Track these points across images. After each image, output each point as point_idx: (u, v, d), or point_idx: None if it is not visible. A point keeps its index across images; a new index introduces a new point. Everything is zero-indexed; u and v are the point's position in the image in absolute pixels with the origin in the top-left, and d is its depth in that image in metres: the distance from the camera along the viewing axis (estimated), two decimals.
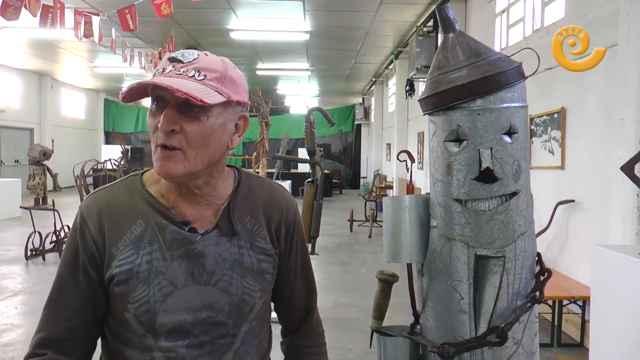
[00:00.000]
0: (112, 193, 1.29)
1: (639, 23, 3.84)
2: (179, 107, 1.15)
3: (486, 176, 1.16)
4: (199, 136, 1.16)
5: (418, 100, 1.23)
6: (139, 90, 1.17)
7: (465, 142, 1.16)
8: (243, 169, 1.41)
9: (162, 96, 1.15)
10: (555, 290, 4.92)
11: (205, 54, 1.21)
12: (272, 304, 1.44)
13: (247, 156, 22.23)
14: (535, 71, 1.30)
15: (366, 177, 23.68)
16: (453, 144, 1.17)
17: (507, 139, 1.17)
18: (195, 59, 1.18)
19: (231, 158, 22.39)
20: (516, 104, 1.19)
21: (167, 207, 1.25)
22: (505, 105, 1.16)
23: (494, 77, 1.15)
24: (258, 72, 16.59)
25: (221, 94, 1.17)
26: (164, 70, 1.17)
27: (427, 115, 1.23)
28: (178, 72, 1.15)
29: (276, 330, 1.48)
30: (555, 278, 5.32)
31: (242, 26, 11.28)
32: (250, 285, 1.27)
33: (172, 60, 1.18)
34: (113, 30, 8.39)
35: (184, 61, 1.17)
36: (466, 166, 1.16)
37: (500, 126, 1.16)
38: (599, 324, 3.26)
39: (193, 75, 1.15)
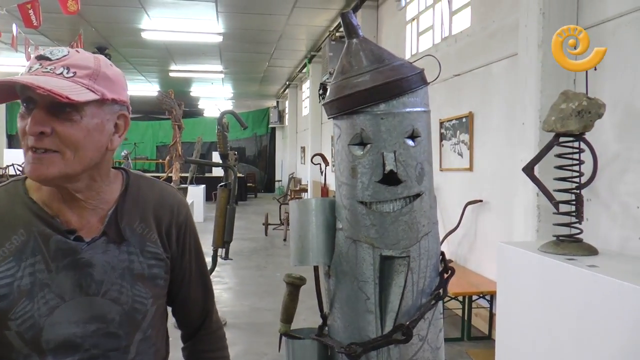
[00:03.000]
0: None
1: (535, 35, 4.07)
2: (49, 108, 1.08)
3: (390, 179, 1.18)
4: (73, 137, 1.09)
5: (322, 105, 1.25)
6: (5, 91, 1.09)
7: (369, 145, 1.18)
8: (132, 170, 1.35)
9: (31, 97, 1.08)
10: (465, 286, 5.12)
11: (77, 51, 1.15)
12: (170, 309, 1.41)
13: (160, 160, 21.69)
14: (437, 77, 1.34)
15: (281, 181, 23.69)
16: (357, 148, 1.19)
17: (410, 142, 1.20)
18: (64, 55, 1.12)
19: (144, 162, 21.80)
20: (419, 109, 1.22)
21: (51, 215, 1.18)
22: (408, 109, 1.19)
23: (397, 82, 1.17)
24: (171, 74, 16.24)
25: (93, 92, 1.11)
26: (30, 68, 1.10)
27: (331, 119, 1.24)
28: (45, 70, 1.09)
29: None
30: (465, 275, 5.54)
31: (154, 26, 11.00)
32: (142, 293, 1.23)
33: (40, 58, 1.11)
34: (14, 26, 7.93)
35: (52, 58, 1.11)
36: (370, 169, 1.18)
37: (403, 130, 1.19)
38: (504, 317, 3.43)
39: (61, 73, 1.09)
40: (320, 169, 11.19)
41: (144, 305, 1.23)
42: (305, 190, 15.58)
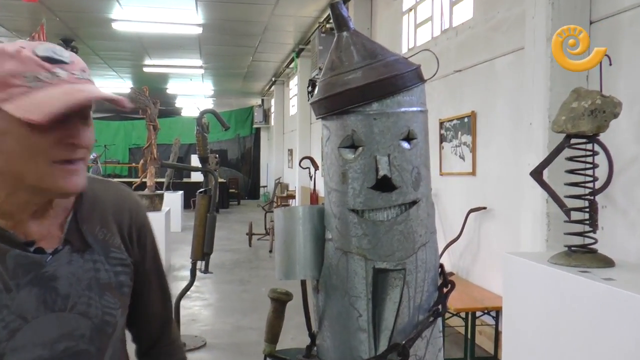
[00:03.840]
0: None
1: (543, 27, 4.10)
2: (78, 115, 1.11)
3: (384, 184, 1.20)
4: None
5: (310, 103, 1.26)
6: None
7: (361, 148, 1.19)
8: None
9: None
10: (468, 301, 5.14)
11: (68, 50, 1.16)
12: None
13: (133, 164, 21.62)
14: (435, 74, 1.36)
15: (266, 186, 23.67)
16: (348, 151, 1.20)
17: (405, 145, 1.22)
18: (69, 56, 1.12)
19: (115, 166, 21.73)
20: (415, 108, 1.24)
21: (3, 228, 1.15)
22: (403, 109, 1.21)
23: (391, 79, 1.19)
24: (146, 69, 16.20)
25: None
26: (54, 75, 1.08)
27: (320, 119, 1.26)
28: (78, 77, 1.10)
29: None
30: (467, 289, 5.56)
31: (127, 16, 10.97)
32: (111, 304, 1.23)
33: (54, 62, 1.09)
34: None
35: (67, 62, 1.11)
36: (362, 174, 1.19)
37: (398, 131, 1.20)
38: (511, 335, 3.44)
39: (87, 78, 1.12)
40: (310, 173, 11.21)
41: (113, 317, 1.23)
42: (293, 197, 15.56)
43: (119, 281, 1.26)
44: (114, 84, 19.08)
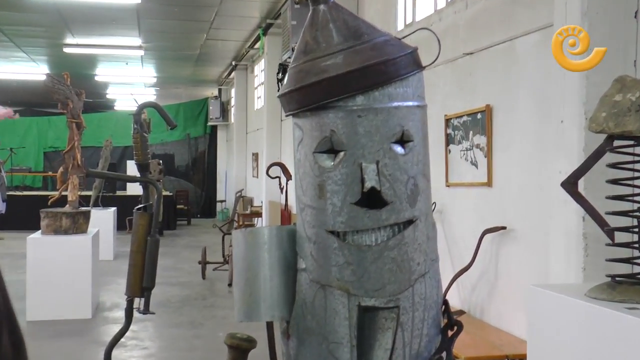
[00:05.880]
0: None
1: None
2: None
3: (371, 199, 1.21)
4: None
5: (278, 97, 1.26)
6: None
7: (342, 153, 1.20)
8: None
9: None
10: (483, 348, 5.16)
11: None
12: None
13: (49, 173, 21.41)
14: (435, 60, 1.38)
15: (225, 201, 23.59)
16: (326, 156, 1.21)
17: (398, 149, 1.23)
18: None
19: (25, 175, 21.49)
20: (410, 103, 1.25)
21: None
22: (395, 104, 1.22)
23: (380, 66, 1.20)
24: (67, 50, 16.09)
25: None
26: None
27: (291, 117, 1.26)
28: None
29: None
30: (482, 331, 5.59)
31: None
32: None
33: None
34: None
35: None
36: (344, 186, 1.20)
37: (389, 132, 1.21)
38: None
39: None
40: (280, 184, 11.21)
41: None
42: (259, 215, 15.51)
43: None
44: (23, 69, 18.93)
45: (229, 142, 24.15)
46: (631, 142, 3.05)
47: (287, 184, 10.01)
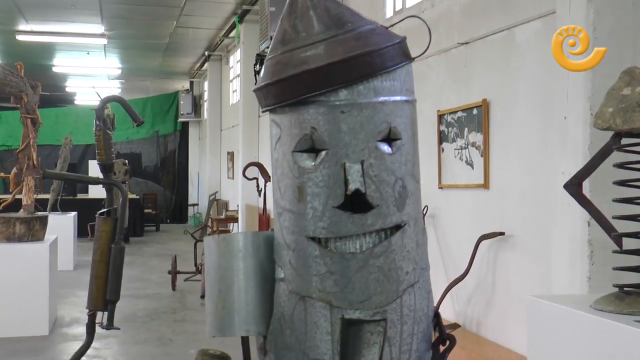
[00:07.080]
0: None
1: None
2: None
3: (356, 203, 1.21)
4: None
5: (254, 91, 1.27)
6: None
7: (323, 152, 1.20)
8: None
9: None
10: None
11: None
12: None
13: (1, 174, 21.28)
14: (425, 52, 1.38)
15: (197, 205, 23.56)
16: (306, 156, 1.21)
17: (385, 148, 1.23)
18: None
19: None
20: (398, 98, 1.25)
21: None
22: (381, 98, 1.22)
23: (365, 57, 1.20)
24: (20, 37, 16.04)
25: None
26: None
27: (268, 113, 1.27)
28: None
29: None
30: (478, 347, 5.61)
31: None
32: None
33: None
34: None
35: None
36: (326, 188, 1.20)
37: (374, 130, 1.22)
38: None
39: None
40: (258, 186, 11.24)
41: None
42: (235, 220, 15.51)
43: None
44: None
45: (202, 140, 24.14)
46: None
47: (265, 186, 10.02)
